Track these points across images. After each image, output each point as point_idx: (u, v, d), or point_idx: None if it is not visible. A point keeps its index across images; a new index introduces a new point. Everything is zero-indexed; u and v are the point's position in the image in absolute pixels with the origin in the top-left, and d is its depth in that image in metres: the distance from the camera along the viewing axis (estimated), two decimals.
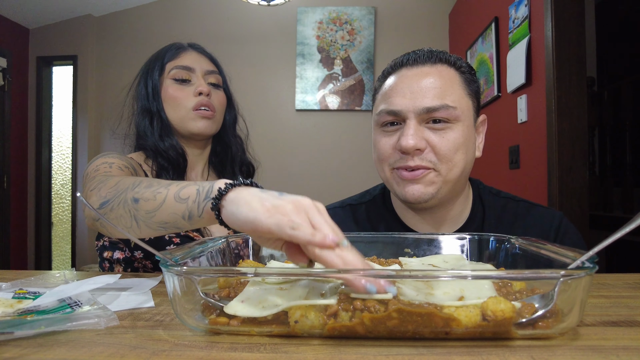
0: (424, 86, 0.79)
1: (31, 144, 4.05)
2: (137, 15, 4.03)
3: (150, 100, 1.05)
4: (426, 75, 0.80)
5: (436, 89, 0.79)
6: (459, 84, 0.81)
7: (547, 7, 2.00)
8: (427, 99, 0.78)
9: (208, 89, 1.04)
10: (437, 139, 0.79)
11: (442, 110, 0.78)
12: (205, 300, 0.45)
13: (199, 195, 0.56)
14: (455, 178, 0.81)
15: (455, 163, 0.79)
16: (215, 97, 1.07)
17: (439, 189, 0.80)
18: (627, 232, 0.39)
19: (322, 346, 0.40)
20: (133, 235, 0.64)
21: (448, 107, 0.78)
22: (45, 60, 4.08)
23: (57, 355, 0.38)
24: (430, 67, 0.82)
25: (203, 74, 1.07)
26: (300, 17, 3.90)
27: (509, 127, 2.48)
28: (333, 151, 3.85)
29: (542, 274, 0.41)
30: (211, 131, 1.07)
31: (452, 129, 0.79)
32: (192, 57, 1.08)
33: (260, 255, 0.69)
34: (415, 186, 0.80)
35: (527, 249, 0.56)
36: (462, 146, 0.79)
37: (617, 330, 0.43)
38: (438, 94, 0.78)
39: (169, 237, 0.95)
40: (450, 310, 0.39)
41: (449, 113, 0.78)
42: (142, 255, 0.95)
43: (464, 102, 0.81)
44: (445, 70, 0.81)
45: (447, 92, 0.79)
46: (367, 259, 0.60)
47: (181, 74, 1.05)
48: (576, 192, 1.94)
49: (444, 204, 0.86)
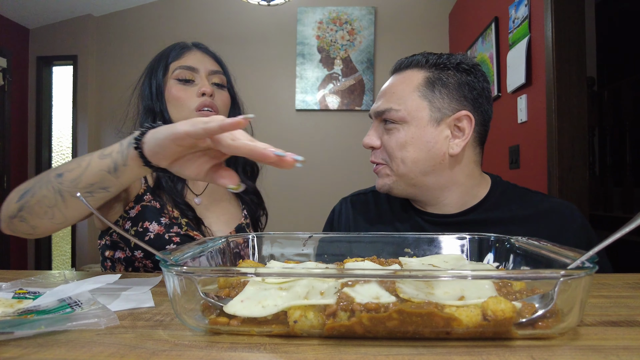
0: (384, 92, 0.91)
1: (31, 144, 4.05)
2: (137, 15, 4.03)
3: (154, 100, 1.05)
4: (392, 82, 0.92)
5: (388, 94, 0.90)
6: (415, 87, 0.88)
7: (547, 7, 2.00)
8: (379, 102, 0.90)
9: (211, 90, 1.03)
10: (386, 138, 0.89)
11: (387, 113, 0.88)
12: (205, 300, 0.45)
13: (121, 146, 0.60)
14: (407, 172, 0.88)
15: (403, 159, 0.87)
16: (219, 98, 1.06)
17: (395, 181, 0.90)
18: (627, 232, 0.39)
19: (322, 346, 0.40)
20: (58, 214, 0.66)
21: (391, 110, 0.87)
22: (45, 60, 4.08)
23: (57, 355, 0.38)
24: (400, 74, 0.92)
25: (207, 74, 1.06)
26: (300, 17, 3.90)
27: (509, 127, 2.48)
28: (333, 151, 3.85)
29: (542, 274, 0.41)
30: None
31: (399, 129, 0.87)
32: (196, 57, 1.07)
33: (261, 255, 0.69)
34: (378, 180, 0.93)
35: (527, 249, 0.56)
36: (407, 144, 0.87)
37: (617, 330, 0.43)
38: (389, 99, 0.89)
39: (169, 237, 0.94)
40: (451, 310, 0.39)
41: (392, 115, 0.87)
42: (142, 254, 0.95)
43: (414, 103, 0.87)
44: (410, 75, 0.89)
45: (397, 96, 0.88)
46: (367, 259, 0.60)
47: (185, 74, 1.04)
48: (576, 192, 1.94)
49: (429, 193, 0.91)
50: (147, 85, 1.07)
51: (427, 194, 0.92)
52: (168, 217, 0.97)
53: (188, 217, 0.99)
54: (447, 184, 0.91)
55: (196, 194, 1.08)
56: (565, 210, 0.90)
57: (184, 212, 0.99)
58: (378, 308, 0.39)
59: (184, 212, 0.99)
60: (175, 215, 0.99)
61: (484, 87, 0.89)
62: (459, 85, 0.87)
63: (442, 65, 0.88)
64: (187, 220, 0.99)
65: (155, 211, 0.97)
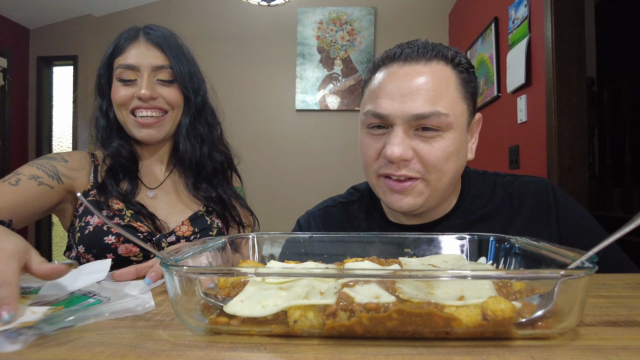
0: (415, 88, 0.72)
1: (31, 143, 4.06)
2: (137, 15, 4.03)
3: (101, 97, 1.02)
4: (418, 76, 0.73)
5: (428, 93, 0.72)
6: (454, 86, 0.75)
7: (547, 7, 2.00)
8: (417, 104, 0.71)
9: (149, 94, 0.95)
10: (426, 149, 0.73)
11: (433, 118, 0.71)
12: (205, 300, 0.45)
13: None
14: (445, 186, 0.77)
15: (445, 172, 0.74)
16: (165, 95, 0.99)
17: (428, 198, 0.76)
18: (627, 232, 0.39)
19: (322, 346, 0.40)
20: None
21: (440, 115, 0.71)
22: (45, 60, 4.08)
23: (57, 355, 0.38)
24: (424, 66, 0.74)
25: (150, 70, 0.97)
26: (301, 18, 3.90)
27: (508, 127, 2.48)
28: (333, 151, 3.85)
29: (542, 274, 0.41)
30: (158, 138, 1.01)
31: (443, 137, 0.73)
32: (139, 52, 0.98)
33: (261, 255, 0.69)
34: (404, 199, 0.75)
35: (527, 249, 0.56)
36: (453, 155, 0.74)
37: (617, 330, 0.43)
38: (430, 99, 0.71)
39: (107, 228, 0.94)
40: (451, 310, 0.39)
41: (440, 121, 0.72)
42: (83, 249, 0.95)
43: (458, 107, 0.75)
44: (440, 70, 0.74)
45: (440, 97, 0.72)
46: (367, 259, 0.60)
47: (126, 74, 0.97)
48: (576, 192, 1.94)
49: (433, 207, 0.82)
50: (97, 79, 1.04)
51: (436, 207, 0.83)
52: (112, 209, 0.96)
53: (135, 211, 0.97)
54: (453, 192, 0.84)
55: (150, 187, 1.05)
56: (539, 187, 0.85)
57: (129, 206, 0.97)
58: (378, 308, 0.39)
59: (129, 206, 0.97)
60: (120, 207, 0.97)
61: None
62: (475, 88, 0.81)
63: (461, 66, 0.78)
64: (132, 212, 0.97)
65: (99, 204, 0.96)
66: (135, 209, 0.97)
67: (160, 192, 1.06)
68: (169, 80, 1.00)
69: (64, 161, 0.99)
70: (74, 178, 0.99)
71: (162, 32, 1.03)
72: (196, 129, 1.06)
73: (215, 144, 1.10)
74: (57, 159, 0.99)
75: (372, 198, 0.92)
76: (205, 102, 1.08)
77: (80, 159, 1.03)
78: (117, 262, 0.95)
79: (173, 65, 0.99)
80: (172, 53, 1.00)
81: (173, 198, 1.07)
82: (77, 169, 1.00)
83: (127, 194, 0.99)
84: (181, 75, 1.00)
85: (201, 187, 1.06)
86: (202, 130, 1.07)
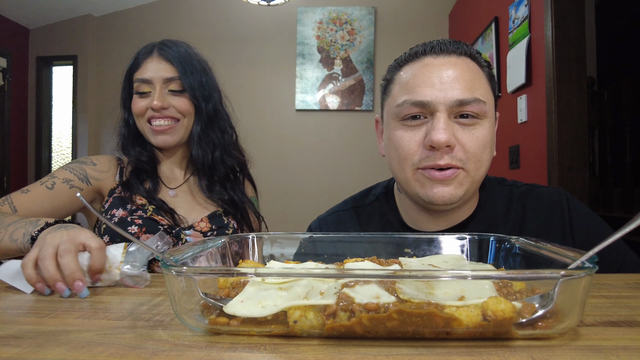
0: (454, 77, 0.73)
1: (31, 144, 4.06)
2: (137, 15, 4.03)
3: (123, 108, 1.14)
4: (455, 66, 0.75)
5: (466, 81, 0.74)
6: (484, 79, 0.78)
7: (547, 7, 2.00)
8: (457, 90, 0.73)
9: (159, 104, 1.04)
10: (466, 136, 0.74)
11: (473, 104, 0.73)
12: (205, 300, 0.45)
13: (24, 237, 0.77)
14: (481, 177, 0.77)
15: (482, 162, 0.75)
16: (177, 104, 1.07)
17: (467, 190, 0.76)
18: (627, 232, 0.39)
19: (322, 346, 0.40)
20: None
21: (479, 101, 0.73)
22: (45, 60, 4.08)
23: (57, 355, 0.38)
24: (457, 58, 0.76)
25: (162, 83, 1.07)
26: (300, 17, 3.90)
27: (509, 127, 2.48)
28: (333, 151, 3.85)
29: (542, 274, 0.40)
30: (172, 143, 1.10)
31: (481, 125, 0.75)
32: (152, 67, 1.07)
33: (261, 256, 0.69)
34: (446, 188, 0.74)
35: (527, 249, 0.56)
36: (489, 144, 0.76)
37: (617, 331, 0.43)
38: (469, 87, 0.73)
39: (131, 219, 1.01)
40: (451, 310, 0.39)
41: (479, 108, 0.73)
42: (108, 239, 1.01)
43: (490, 97, 0.77)
44: (470, 63, 0.77)
45: (477, 86, 0.75)
46: (367, 259, 0.60)
47: (141, 87, 1.08)
48: (576, 192, 1.94)
49: (465, 202, 0.81)
50: (122, 91, 1.14)
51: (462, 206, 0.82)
52: (135, 204, 1.04)
53: (157, 206, 1.05)
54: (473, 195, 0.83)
55: (171, 187, 1.14)
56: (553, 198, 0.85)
57: (151, 202, 1.05)
58: (378, 308, 0.39)
59: (151, 202, 1.05)
60: (143, 202, 1.05)
61: None
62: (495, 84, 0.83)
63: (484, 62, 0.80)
64: (154, 207, 1.05)
65: (124, 199, 1.05)
66: (157, 204, 1.05)
67: (180, 192, 1.14)
68: (179, 90, 1.08)
69: (92, 164, 1.09)
70: (102, 179, 1.09)
71: (175, 46, 1.11)
72: (208, 135, 1.14)
73: (228, 149, 1.17)
74: (87, 162, 1.09)
75: (389, 202, 0.91)
76: (217, 109, 1.15)
77: (107, 162, 1.12)
78: None
79: (181, 77, 1.07)
80: (182, 65, 1.08)
81: (191, 199, 1.14)
82: (104, 171, 1.10)
83: (150, 191, 1.08)
84: (190, 85, 1.08)
85: (214, 189, 1.13)
86: (214, 136, 1.14)
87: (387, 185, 0.94)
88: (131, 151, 1.12)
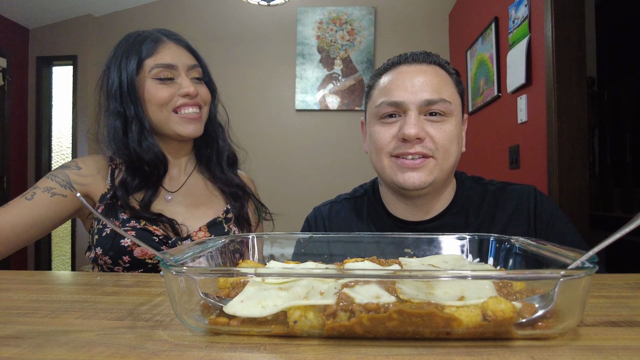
0: (423, 81, 0.87)
1: (31, 144, 4.05)
2: (137, 15, 4.03)
3: (126, 101, 0.98)
4: (424, 72, 0.88)
5: (434, 85, 0.87)
6: (451, 83, 0.91)
7: (547, 7, 2.00)
8: (426, 92, 0.86)
9: (195, 90, 1.00)
10: (434, 130, 0.86)
11: (440, 104, 0.86)
12: (205, 300, 0.45)
13: None
14: (450, 167, 0.89)
15: (451, 153, 0.87)
16: (201, 92, 1.04)
17: (437, 176, 0.87)
18: (627, 232, 0.39)
19: (322, 346, 0.40)
20: None
21: (445, 101, 0.86)
22: (45, 60, 4.08)
23: (57, 355, 0.38)
24: (427, 66, 0.90)
25: (186, 69, 1.01)
26: (300, 17, 3.90)
27: (509, 127, 2.48)
28: (333, 151, 3.85)
29: (542, 274, 0.40)
30: (199, 133, 1.06)
31: (447, 121, 0.87)
32: (172, 52, 1.01)
33: (261, 256, 0.69)
34: (415, 174, 0.86)
35: (527, 249, 0.56)
36: (455, 138, 0.88)
37: (617, 331, 0.43)
38: (436, 89, 0.87)
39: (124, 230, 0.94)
40: (451, 311, 0.39)
41: (445, 106, 0.86)
42: (100, 251, 0.96)
43: (456, 99, 0.90)
44: (439, 71, 0.90)
45: (443, 88, 0.88)
46: (367, 259, 0.60)
47: (164, 73, 0.99)
48: (576, 192, 1.94)
49: (432, 194, 0.92)
50: (117, 84, 0.99)
51: (435, 195, 0.93)
52: (129, 212, 0.97)
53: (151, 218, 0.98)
54: (448, 183, 0.95)
55: (170, 191, 1.06)
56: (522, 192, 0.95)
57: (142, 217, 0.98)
58: (378, 308, 0.39)
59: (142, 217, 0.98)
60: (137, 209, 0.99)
61: None
62: (463, 90, 0.95)
63: (452, 71, 0.93)
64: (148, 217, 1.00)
65: (116, 207, 0.98)
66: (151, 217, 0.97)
67: (179, 196, 1.07)
68: (200, 77, 1.06)
69: (77, 168, 1.02)
70: (87, 184, 1.01)
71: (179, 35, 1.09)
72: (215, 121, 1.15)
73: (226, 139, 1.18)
74: (70, 167, 1.02)
75: (375, 193, 1.03)
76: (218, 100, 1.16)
77: (94, 163, 1.05)
78: (133, 264, 0.95)
79: (201, 65, 1.06)
80: (197, 54, 1.07)
81: (192, 200, 1.07)
82: (90, 174, 1.02)
83: (144, 201, 0.99)
84: (209, 73, 1.08)
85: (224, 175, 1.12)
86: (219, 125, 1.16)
87: (375, 181, 1.06)
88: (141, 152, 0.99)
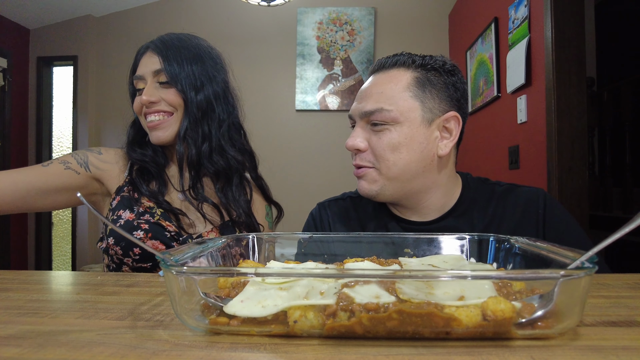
0: (369, 92, 0.87)
1: (31, 144, 4.06)
2: (137, 15, 4.03)
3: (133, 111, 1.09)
4: (376, 82, 0.88)
5: (377, 94, 0.86)
6: (404, 87, 0.85)
7: (547, 8, 2.00)
8: (368, 103, 0.86)
9: (146, 99, 0.99)
10: (375, 140, 0.86)
11: (376, 114, 0.84)
12: (205, 300, 0.45)
13: None
14: (398, 175, 0.86)
15: (394, 162, 0.85)
16: (166, 97, 1.01)
17: (383, 186, 0.87)
18: (627, 232, 0.39)
19: (322, 346, 0.40)
20: None
21: (382, 110, 0.84)
22: (45, 60, 4.08)
23: (57, 355, 0.38)
24: (384, 73, 0.88)
25: (152, 76, 1.02)
26: (300, 18, 3.90)
27: (508, 128, 2.48)
28: (333, 151, 3.85)
29: (542, 274, 0.41)
30: (165, 139, 1.02)
31: (390, 130, 0.84)
32: (144, 62, 1.04)
33: (261, 256, 0.69)
34: (362, 182, 0.89)
35: (527, 249, 0.56)
36: (400, 146, 0.84)
37: (617, 331, 0.43)
38: (377, 98, 0.85)
39: (137, 224, 0.97)
40: (451, 310, 0.39)
41: (383, 116, 0.84)
42: (113, 241, 0.98)
43: (407, 104, 0.84)
44: (394, 74, 0.87)
45: (386, 96, 0.85)
46: (367, 259, 0.60)
47: (138, 85, 1.04)
48: (576, 192, 1.94)
49: (414, 197, 0.90)
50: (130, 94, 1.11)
51: (412, 197, 0.90)
52: (143, 206, 1.00)
53: (165, 209, 1.01)
54: (432, 186, 0.90)
55: (179, 190, 1.06)
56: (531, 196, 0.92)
57: (160, 205, 1.01)
58: (378, 308, 0.39)
59: (160, 205, 1.01)
60: (151, 205, 1.01)
61: (465, 88, 0.91)
62: (446, 86, 0.87)
63: (428, 66, 0.87)
64: (162, 211, 1.01)
65: (131, 200, 1.01)
66: (164, 207, 1.01)
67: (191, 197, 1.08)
68: (166, 82, 1.01)
69: (98, 153, 1.07)
70: (104, 170, 1.05)
71: (166, 36, 1.06)
72: (197, 129, 1.03)
73: (221, 145, 1.06)
74: (93, 151, 1.07)
75: None
76: (210, 101, 1.04)
77: (114, 154, 1.09)
78: (144, 256, 0.97)
79: (165, 68, 1.00)
80: (165, 54, 1.01)
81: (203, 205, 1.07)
82: (109, 162, 1.07)
83: (156, 192, 1.03)
84: (173, 75, 1.00)
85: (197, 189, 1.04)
86: (204, 129, 1.04)
87: None
88: (132, 153, 1.07)
